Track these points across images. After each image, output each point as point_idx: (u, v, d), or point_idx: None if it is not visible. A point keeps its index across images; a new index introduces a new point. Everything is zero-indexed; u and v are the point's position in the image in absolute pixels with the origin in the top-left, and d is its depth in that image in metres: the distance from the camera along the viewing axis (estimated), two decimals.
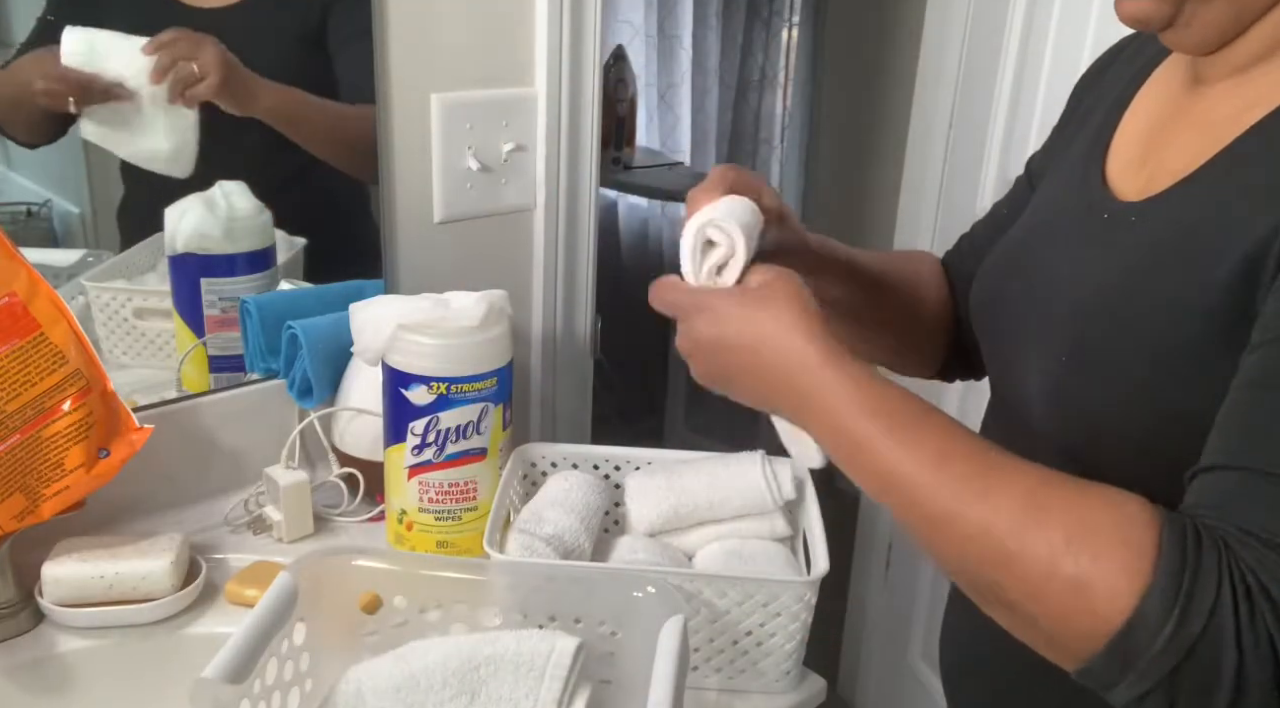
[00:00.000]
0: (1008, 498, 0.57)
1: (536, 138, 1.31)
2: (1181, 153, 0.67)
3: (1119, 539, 0.53)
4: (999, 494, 0.57)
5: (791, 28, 3.11)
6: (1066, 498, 0.56)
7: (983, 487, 0.58)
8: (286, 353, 1.13)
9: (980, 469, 0.59)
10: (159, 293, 1.13)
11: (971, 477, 0.58)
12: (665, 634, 0.75)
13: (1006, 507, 0.56)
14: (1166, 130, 0.71)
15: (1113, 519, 0.54)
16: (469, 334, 0.96)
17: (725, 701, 0.91)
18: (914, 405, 0.63)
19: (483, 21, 1.23)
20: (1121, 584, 0.52)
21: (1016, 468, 0.59)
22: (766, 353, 0.68)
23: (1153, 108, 0.74)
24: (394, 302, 0.99)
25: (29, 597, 0.93)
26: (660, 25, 3.07)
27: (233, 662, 0.70)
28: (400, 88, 1.19)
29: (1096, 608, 0.53)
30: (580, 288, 1.41)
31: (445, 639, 0.79)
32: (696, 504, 0.98)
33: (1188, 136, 0.67)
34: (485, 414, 0.97)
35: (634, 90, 2.96)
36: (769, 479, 0.98)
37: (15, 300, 0.88)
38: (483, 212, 1.30)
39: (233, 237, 1.11)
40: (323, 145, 1.18)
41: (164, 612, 0.94)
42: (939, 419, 0.63)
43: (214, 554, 1.03)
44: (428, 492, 0.99)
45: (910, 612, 2.08)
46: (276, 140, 1.14)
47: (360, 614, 0.84)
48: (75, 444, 0.90)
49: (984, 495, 0.57)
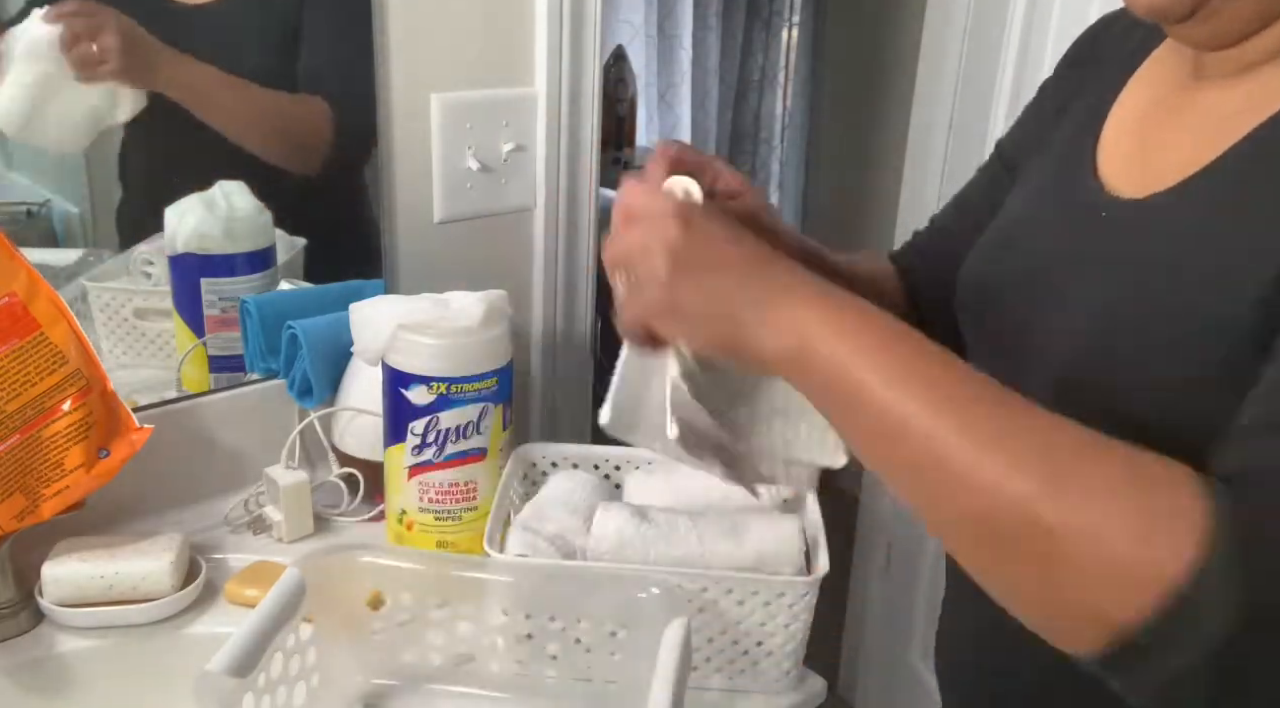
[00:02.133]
0: (1058, 434, 0.52)
1: (536, 138, 1.31)
2: (1186, 149, 0.65)
3: (1182, 490, 0.49)
4: (1044, 432, 0.52)
5: (791, 28, 3.11)
6: (1116, 448, 0.51)
7: (1024, 424, 0.52)
8: (286, 353, 1.13)
9: (1011, 411, 0.53)
10: (159, 293, 1.13)
11: (1005, 416, 0.53)
12: (668, 636, 0.75)
13: (1058, 442, 0.51)
14: (1165, 125, 0.69)
15: (1170, 473, 0.50)
16: (469, 334, 0.96)
17: (725, 700, 0.91)
18: (927, 345, 0.57)
19: (483, 21, 1.23)
20: (1183, 536, 0.47)
21: (1048, 415, 0.53)
22: (750, 250, 0.61)
23: (1146, 101, 0.73)
24: (394, 302, 0.99)
25: (29, 597, 0.93)
26: (660, 25, 3.06)
27: (238, 656, 0.71)
28: (400, 88, 1.19)
29: (1157, 556, 0.47)
30: (580, 288, 1.41)
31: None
32: (695, 503, 0.97)
33: (1191, 132, 0.66)
34: (485, 414, 0.97)
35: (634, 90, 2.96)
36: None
37: (15, 300, 0.88)
38: (483, 212, 1.30)
39: (233, 237, 1.11)
40: (244, 131, 1.12)
41: (164, 612, 0.94)
42: (957, 364, 0.56)
43: (214, 554, 1.03)
44: (428, 492, 0.99)
45: (910, 612, 2.08)
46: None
47: (365, 610, 0.84)
48: (75, 444, 0.90)
49: (1023, 433, 0.52)
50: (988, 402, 0.54)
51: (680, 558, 0.88)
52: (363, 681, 0.87)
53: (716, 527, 0.90)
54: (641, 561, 0.88)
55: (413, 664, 0.88)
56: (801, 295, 0.59)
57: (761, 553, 0.88)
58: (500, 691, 0.87)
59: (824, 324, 0.57)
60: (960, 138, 1.81)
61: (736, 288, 0.60)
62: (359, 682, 0.87)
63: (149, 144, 1.13)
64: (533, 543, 0.90)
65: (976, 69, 1.76)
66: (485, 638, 0.87)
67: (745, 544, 0.89)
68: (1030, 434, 0.52)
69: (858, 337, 0.57)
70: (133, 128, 1.10)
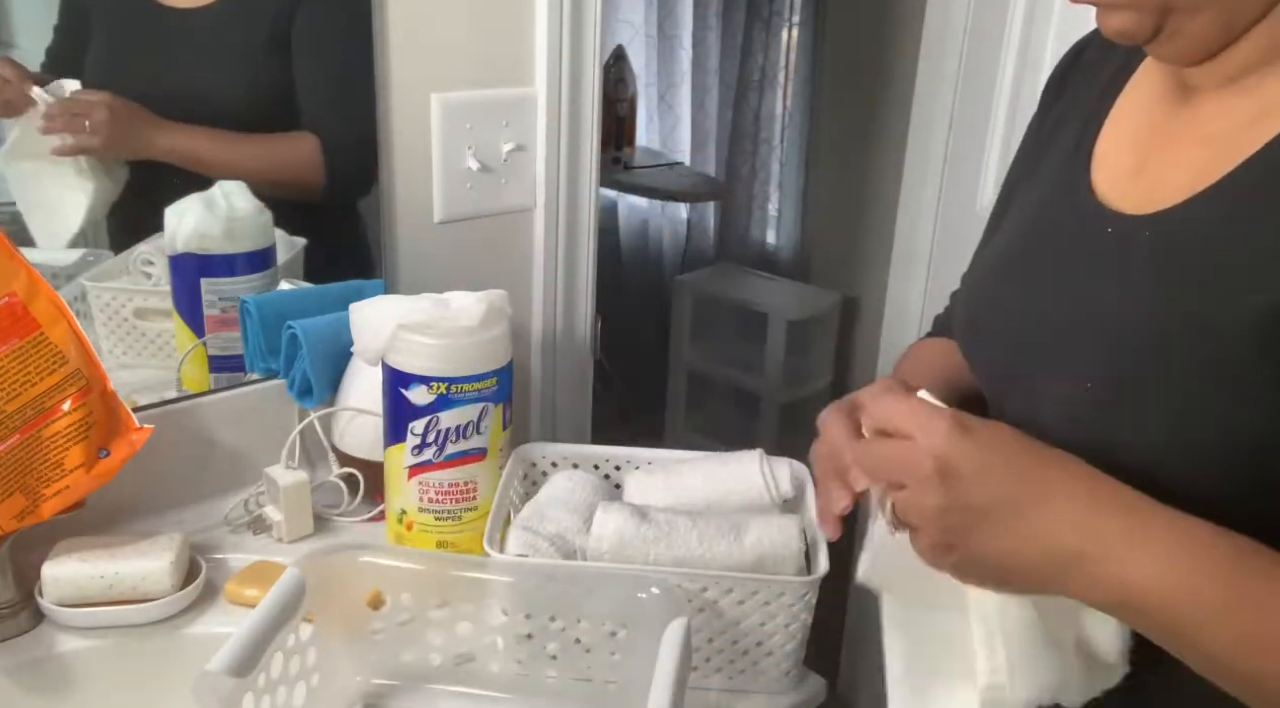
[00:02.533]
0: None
1: (536, 138, 1.31)
2: (1186, 165, 0.65)
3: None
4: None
5: (791, 28, 3.10)
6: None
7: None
8: (286, 353, 1.13)
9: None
10: (159, 293, 1.13)
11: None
12: (668, 636, 0.75)
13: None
14: (1161, 140, 0.69)
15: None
16: (469, 334, 0.96)
17: (726, 700, 0.91)
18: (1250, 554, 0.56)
19: (483, 21, 1.23)
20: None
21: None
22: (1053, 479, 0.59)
23: (1139, 115, 0.72)
24: (394, 302, 0.99)
25: (29, 597, 0.93)
26: (660, 25, 3.07)
27: (238, 656, 0.71)
28: (400, 88, 1.19)
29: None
30: (580, 288, 1.41)
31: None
32: (695, 502, 0.98)
33: (1191, 148, 0.66)
34: (485, 414, 0.97)
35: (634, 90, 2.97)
36: (767, 477, 0.98)
37: (15, 300, 0.88)
38: (483, 212, 1.30)
39: (233, 237, 1.11)
40: (247, 178, 1.14)
41: (164, 612, 0.94)
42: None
43: (214, 554, 1.03)
44: (428, 492, 0.99)
45: None
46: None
47: (365, 610, 0.84)
48: (75, 444, 0.90)
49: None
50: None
51: (680, 558, 0.88)
52: (363, 681, 0.87)
53: (717, 527, 0.90)
54: (642, 561, 0.88)
55: (413, 664, 0.88)
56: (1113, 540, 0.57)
57: (762, 553, 0.88)
58: (500, 691, 0.87)
59: (1146, 580, 0.56)
60: (960, 138, 1.81)
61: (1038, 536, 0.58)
62: (359, 682, 0.87)
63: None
64: (533, 543, 0.90)
65: (976, 69, 1.76)
66: (485, 638, 0.87)
67: (746, 544, 0.89)
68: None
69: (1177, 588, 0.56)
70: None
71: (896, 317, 2.09)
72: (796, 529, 0.90)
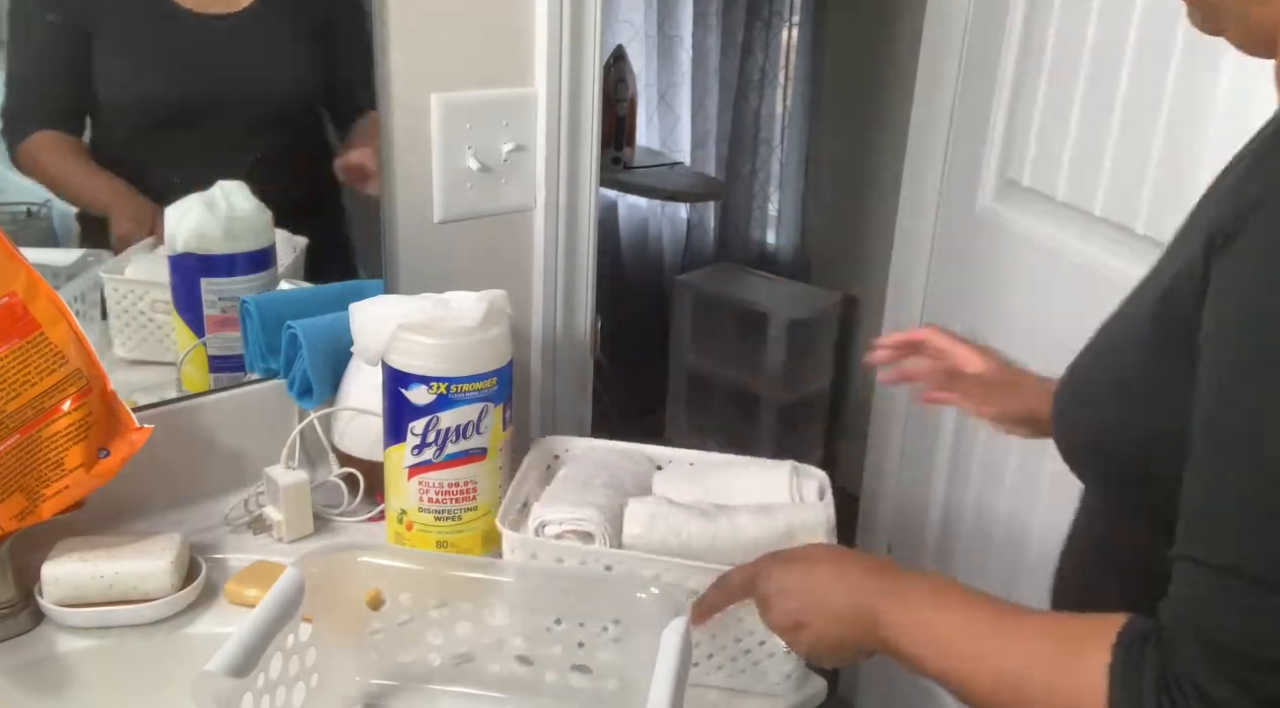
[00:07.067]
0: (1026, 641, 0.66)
1: (536, 138, 1.31)
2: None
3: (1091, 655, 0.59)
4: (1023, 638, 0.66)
5: (791, 27, 3.10)
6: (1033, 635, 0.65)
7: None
8: (286, 353, 1.13)
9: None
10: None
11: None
12: (668, 636, 0.75)
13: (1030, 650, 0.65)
14: None
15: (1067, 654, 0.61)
16: (469, 334, 0.96)
17: (726, 701, 0.91)
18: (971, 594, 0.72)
19: (483, 21, 1.23)
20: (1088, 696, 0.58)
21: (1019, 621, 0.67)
22: (848, 560, 0.77)
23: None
24: (394, 302, 0.99)
25: (29, 597, 0.93)
26: (660, 25, 3.06)
27: (237, 656, 0.71)
28: (400, 88, 1.19)
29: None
30: (580, 288, 1.41)
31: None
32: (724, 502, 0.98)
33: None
34: (485, 414, 0.97)
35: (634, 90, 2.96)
36: (794, 491, 0.99)
37: (15, 300, 0.88)
38: (483, 212, 1.30)
39: (233, 236, 1.11)
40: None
41: (164, 612, 0.94)
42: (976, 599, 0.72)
43: (214, 554, 1.03)
44: (428, 492, 0.99)
45: None
46: (278, 141, 1.14)
47: (365, 610, 0.84)
48: (75, 444, 0.90)
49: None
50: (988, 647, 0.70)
51: (714, 532, 0.90)
52: (362, 681, 0.87)
53: (746, 510, 0.93)
54: (674, 536, 0.90)
55: (412, 664, 0.88)
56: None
57: (792, 523, 0.91)
58: (500, 691, 0.87)
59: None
60: (960, 138, 1.81)
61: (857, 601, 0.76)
62: (359, 682, 0.87)
63: (148, 144, 1.13)
64: (584, 514, 0.91)
65: (976, 69, 1.76)
66: (485, 638, 0.87)
67: (777, 519, 0.92)
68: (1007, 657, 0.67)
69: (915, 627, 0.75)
70: (132, 128, 1.10)
71: (896, 317, 2.09)
72: (824, 515, 0.94)
